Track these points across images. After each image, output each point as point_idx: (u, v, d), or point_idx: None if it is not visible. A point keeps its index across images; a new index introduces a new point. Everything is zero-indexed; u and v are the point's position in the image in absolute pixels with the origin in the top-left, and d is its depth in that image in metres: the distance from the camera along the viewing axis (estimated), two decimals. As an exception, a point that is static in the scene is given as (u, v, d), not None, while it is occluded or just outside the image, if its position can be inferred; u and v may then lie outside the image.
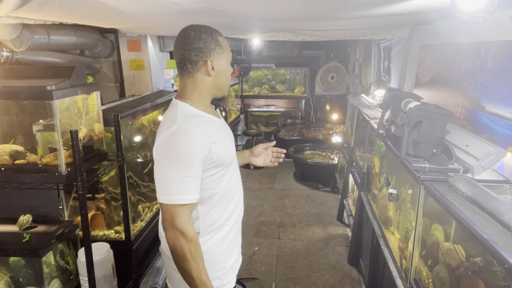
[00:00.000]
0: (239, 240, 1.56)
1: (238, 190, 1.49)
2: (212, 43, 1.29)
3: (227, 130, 1.46)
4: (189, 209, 1.27)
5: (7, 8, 1.40)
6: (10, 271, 1.69)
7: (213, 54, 1.30)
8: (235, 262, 1.52)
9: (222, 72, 1.34)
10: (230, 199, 1.43)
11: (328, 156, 5.48)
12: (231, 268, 1.48)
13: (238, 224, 1.52)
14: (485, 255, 1.25)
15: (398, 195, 2.08)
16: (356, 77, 5.46)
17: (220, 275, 1.43)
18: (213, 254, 1.40)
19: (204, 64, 1.30)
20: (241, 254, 1.62)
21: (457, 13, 1.29)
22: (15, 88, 1.60)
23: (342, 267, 3.21)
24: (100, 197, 2.44)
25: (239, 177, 1.51)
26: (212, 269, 1.39)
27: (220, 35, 1.34)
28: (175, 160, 1.21)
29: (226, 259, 1.45)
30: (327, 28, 2.65)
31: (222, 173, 1.37)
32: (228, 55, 1.35)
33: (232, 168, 1.44)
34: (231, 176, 1.43)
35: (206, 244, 1.38)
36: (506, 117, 1.66)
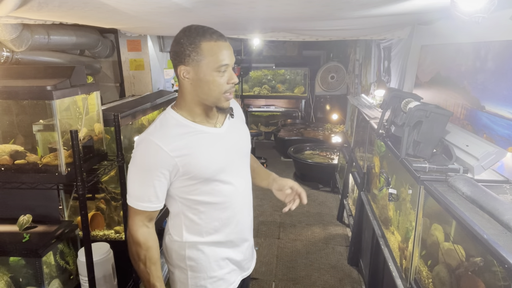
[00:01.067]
0: (239, 254, 1.46)
1: (233, 204, 1.38)
2: (189, 48, 1.20)
3: (224, 141, 1.35)
4: (143, 215, 1.30)
5: (7, 8, 1.40)
6: (10, 271, 1.69)
7: (188, 61, 1.21)
8: (229, 273, 1.45)
9: (200, 81, 1.23)
10: (219, 213, 1.36)
11: (328, 156, 5.48)
12: (222, 279, 1.43)
13: (237, 238, 1.43)
14: (485, 255, 1.25)
15: (398, 195, 2.08)
16: (356, 77, 5.46)
17: (206, 283, 1.40)
18: (199, 261, 1.39)
19: (180, 70, 1.24)
20: (247, 268, 1.54)
21: (457, 13, 1.29)
22: (15, 88, 1.60)
23: (342, 267, 3.21)
24: (100, 197, 2.44)
25: (238, 192, 1.39)
26: (197, 276, 1.40)
27: (211, 39, 1.21)
28: (136, 167, 1.26)
29: (216, 269, 1.41)
30: (327, 28, 2.65)
31: (199, 186, 1.30)
32: (212, 63, 1.21)
33: (220, 181, 1.32)
34: (219, 190, 1.33)
35: (192, 249, 1.38)
36: (506, 117, 1.66)
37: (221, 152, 1.32)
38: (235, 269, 1.47)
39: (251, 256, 1.56)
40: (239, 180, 1.40)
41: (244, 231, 1.46)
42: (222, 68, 1.22)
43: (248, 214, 1.49)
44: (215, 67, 1.22)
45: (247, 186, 1.46)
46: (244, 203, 1.44)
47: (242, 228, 1.44)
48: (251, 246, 1.56)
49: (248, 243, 1.51)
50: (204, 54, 1.20)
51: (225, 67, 1.23)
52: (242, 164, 1.43)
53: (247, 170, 1.48)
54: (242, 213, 1.43)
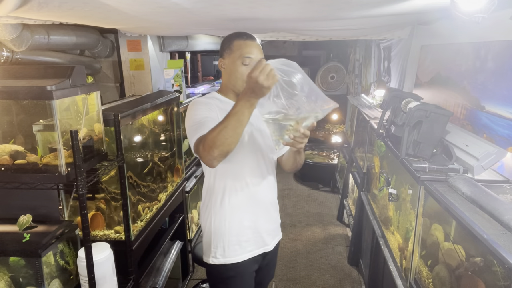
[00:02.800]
0: (259, 224, 1.67)
1: (248, 172, 1.61)
2: (226, 45, 1.58)
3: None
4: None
5: (7, 8, 1.40)
6: (10, 271, 1.69)
7: (224, 54, 1.59)
8: (247, 242, 1.64)
9: (230, 70, 1.58)
10: (237, 172, 1.59)
11: (328, 156, 5.48)
12: (239, 244, 1.62)
13: (256, 208, 1.66)
14: (485, 255, 1.25)
15: (398, 195, 2.08)
16: (356, 77, 5.46)
17: (224, 245, 1.61)
18: (219, 219, 1.62)
19: (219, 62, 1.62)
20: (267, 243, 1.72)
21: (457, 13, 1.29)
22: (15, 88, 1.60)
23: (342, 267, 3.21)
24: (100, 197, 2.44)
25: (253, 162, 1.62)
26: (216, 233, 1.62)
27: (241, 39, 1.57)
28: (193, 111, 1.55)
29: (233, 233, 1.61)
30: (327, 28, 2.65)
31: None
32: (238, 56, 1.53)
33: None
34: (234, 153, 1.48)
35: (215, 205, 1.63)
36: (506, 117, 1.66)
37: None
38: (257, 240, 1.68)
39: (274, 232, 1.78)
40: (253, 155, 1.63)
41: (267, 198, 1.73)
42: (246, 61, 1.53)
43: (266, 191, 1.72)
44: (240, 59, 1.54)
45: (262, 162, 1.67)
46: (259, 171, 1.66)
47: (267, 196, 1.72)
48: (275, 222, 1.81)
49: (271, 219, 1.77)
50: (234, 49, 1.55)
51: (249, 60, 1.53)
52: (258, 145, 1.64)
53: (264, 156, 1.67)
54: (262, 180, 1.68)
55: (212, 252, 1.65)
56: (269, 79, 1.21)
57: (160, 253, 2.82)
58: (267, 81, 1.20)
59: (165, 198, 2.84)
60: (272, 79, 1.21)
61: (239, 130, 1.29)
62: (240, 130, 1.29)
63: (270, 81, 1.21)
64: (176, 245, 2.91)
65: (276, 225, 1.82)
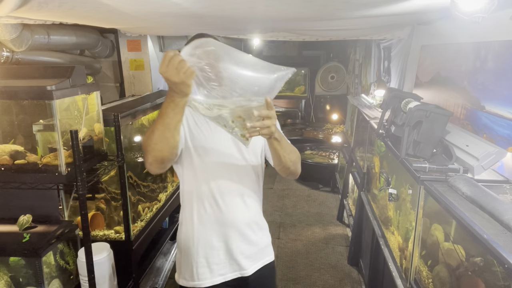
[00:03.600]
0: (232, 247, 1.45)
1: (216, 187, 1.41)
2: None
3: None
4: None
5: (7, 8, 1.40)
6: (10, 271, 1.69)
7: None
8: (218, 264, 1.44)
9: None
10: (203, 185, 1.41)
11: (328, 156, 5.48)
12: (208, 267, 1.44)
13: (226, 228, 1.43)
14: (485, 255, 1.25)
15: (398, 195, 2.08)
16: (356, 77, 5.46)
17: (192, 266, 1.45)
18: (187, 234, 1.46)
19: None
20: (243, 268, 1.47)
21: (457, 13, 1.29)
22: (15, 88, 1.60)
23: (342, 267, 3.21)
24: (100, 197, 2.44)
25: (222, 176, 1.41)
26: (186, 250, 1.47)
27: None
28: None
29: (201, 253, 1.44)
30: (327, 28, 2.65)
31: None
32: None
33: (204, 157, 1.39)
34: (199, 162, 1.39)
35: (185, 216, 1.47)
36: (506, 117, 1.66)
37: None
38: (224, 262, 1.46)
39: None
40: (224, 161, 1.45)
41: (230, 219, 1.46)
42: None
43: (240, 210, 1.47)
44: None
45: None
46: (228, 193, 1.45)
47: (229, 216, 1.45)
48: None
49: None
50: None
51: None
52: (227, 156, 1.43)
53: (239, 169, 1.45)
54: (224, 195, 1.44)
55: (182, 273, 1.49)
56: (179, 73, 1.03)
57: (160, 253, 2.82)
58: (178, 75, 1.03)
59: (165, 198, 2.84)
60: (185, 73, 1.03)
61: (167, 134, 1.13)
62: (169, 134, 1.13)
63: (181, 75, 1.03)
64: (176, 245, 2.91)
65: (258, 248, 1.52)
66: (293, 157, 1.36)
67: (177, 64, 1.02)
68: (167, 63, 1.02)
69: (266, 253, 1.57)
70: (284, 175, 1.44)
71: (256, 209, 1.52)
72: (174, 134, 1.15)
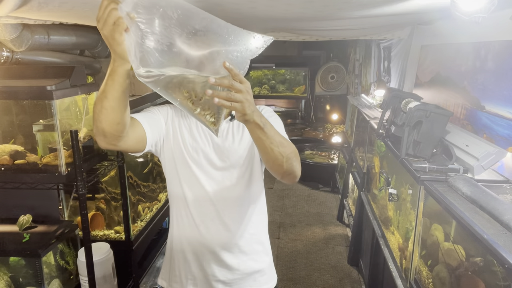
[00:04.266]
0: (206, 268, 1.31)
1: (192, 199, 1.28)
2: None
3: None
4: None
5: (7, 8, 1.40)
6: (10, 271, 1.69)
7: None
8: (194, 284, 1.33)
9: None
10: (179, 192, 1.29)
11: (328, 156, 5.48)
12: (181, 283, 1.35)
13: (201, 247, 1.30)
14: (485, 255, 1.25)
15: (398, 195, 2.08)
16: (356, 77, 5.46)
17: (168, 277, 1.39)
18: (169, 240, 1.37)
19: None
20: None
21: (457, 13, 1.29)
22: (15, 88, 1.60)
23: (342, 267, 3.21)
24: (100, 197, 2.44)
25: (196, 187, 1.28)
26: (166, 257, 1.40)
27: None
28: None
29: (176, 266, 1.35)
30: (327, 28, 2.65)
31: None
32: None
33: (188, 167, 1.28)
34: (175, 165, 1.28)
35: (172, 219, 1.36)
36: (506, 117, 1.66)
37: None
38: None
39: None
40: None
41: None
42: None
43: (218, 232, 1.31)
44: None
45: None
46: (204, 209, 1.32)
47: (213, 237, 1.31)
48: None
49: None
50: None
51: None
52: (202, 168, 1.30)
53: (219, 185, 1.31)
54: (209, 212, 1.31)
55: (159, 280, 1.43)
56: (107, 24, 0.84)
57: (160, 253, 2.81)
58: (106, 26, 0.84)
59: (165, 198, 2.84)
60: (114, 24, 0.83)
61: (105, 103, 0.97)
62: (107, 104, 0.96)
63: (109, 27, 0.84)
64: (176, 245, 2.91)
65: (240, 274, 1.33)
66: (285, 151, 1.09)
67: (108, 12, 0.83)
68: (102, 12, 0.84)
69: (259, 282, 1.38)
70: (278, 177, 1.16)
71: (240, 230, 1.32)
72: (115, 107, 0.98)
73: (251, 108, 0.95)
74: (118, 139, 1.06)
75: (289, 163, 1.12)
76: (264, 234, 1.45)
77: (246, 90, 0.93)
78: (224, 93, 0.89)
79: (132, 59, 0.87)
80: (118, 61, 0.92)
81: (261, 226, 1.42)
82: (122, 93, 0.97)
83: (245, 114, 0.94)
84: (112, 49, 0.89)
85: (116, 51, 0.89)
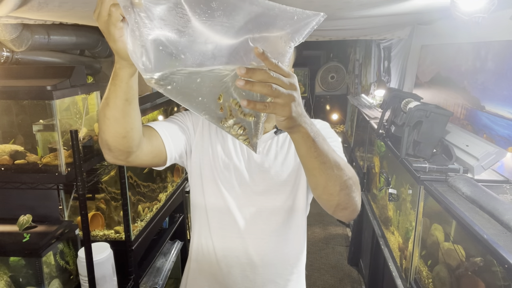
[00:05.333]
0: None
1: (216, 227, 1.09)
2: None
3: None
4: None
5: (7, 8, 1.40)
6: (10, 271, 1.69)
7: None
8: None
9: None
10: (203, 217, 1.11)
11: (328, 156, 5.47)
12: None
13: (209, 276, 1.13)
14: (485, 255, 1.25)
15: (398, 195, 2.08)
16: (356, 77, 5.46)
17: None
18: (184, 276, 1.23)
19: None
20: None
21: (457, 13, 1.29)
22: (15, 88, 1.60)
23: (342, 267, 3.21)
24: (100, 197, 2.44)
25: (219, 213, 1.09)
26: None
27: None
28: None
29: None
30: (327, 28, 2.65)
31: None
32: None
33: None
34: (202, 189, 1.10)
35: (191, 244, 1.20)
36: (506, 117, 1.66)
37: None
38: None
39: None
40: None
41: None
42: None
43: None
44: None
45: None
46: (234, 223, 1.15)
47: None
48: None
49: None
50: None
51: None
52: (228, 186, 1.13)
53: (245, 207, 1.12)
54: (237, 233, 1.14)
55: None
56: (101, 15, 0.66)
57: (160, 253, 2.82)
58: (100, 18, 0.66)
59: (165, 198, 2.84)
60: (110, 15, 0.65)
61: (107, 112, 0.81)
62: (109, 112, 0.81)
63: (103, 18, 0.66)
64: (176, 245, 2.91)
65: None
66: (341, 176, 0.80)
67: (102, 1, 0.65)
68: (99, 1, 0.66)
69: None
70: (330, 210, 0.88)
71: (270, 273, 1.10)
72: (118, 118, 0.82)
73: (298, 110, 0.72)
74: (126, 155, 0.90)
75: (345, 193, 0.82)
76: (302, 280, 1.21)
77: (291, 84, 0.69)
78: (260, 85, 0.64)
79: (135, 61, 0.65)
80: (120, 62, 0.74)
81: (298, 267, 1.17)
82: (127, 101, 0.80)
83: (290, 117, 0.71)
84: (111, 47, 0.71)
85: (114, 49, 0.71)
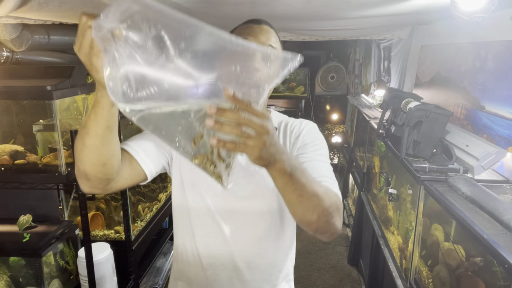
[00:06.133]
0: None
1: (200, 238, 1.06)
2: (233, 32, 1.18)
3: None
4: None
5: (7, 8, 1.40)
6: (10, 271, 1.69)
7: None
8: None
9: None
10: (186, 224, 1.08)
11: (328, 156, 5.48)
12: None
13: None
14: (485, 255, 1.25)
15: (398, 195, 2.08)
16: (356, 77, 5.46)
17: None
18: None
19: None
20: None
21: (457, 13, 1.29)
22: (15, 88, 1.60)
23: (342, 267, 3.21)
24: (100, 197, 2.44)
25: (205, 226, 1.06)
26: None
27: (246, 23, 1.22)
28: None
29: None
30: (327, 28, 2.65)
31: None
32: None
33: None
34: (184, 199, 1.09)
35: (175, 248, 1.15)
36: (506, 117, 1.66)
37: None
38: None
39: None
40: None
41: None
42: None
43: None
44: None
45: None
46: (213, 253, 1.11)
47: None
48: None
49: None
50: (236, 34, 1.08)
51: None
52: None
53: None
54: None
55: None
56: (82, 47, 0.67)
57: (160, 253, 2.82)
58: (81, 50, 0.68)
59: (165, 198, 2.84)
60: (90, 47, 0.67)
61: (86, 140, 0.80)
62: (88, 141, 0.79)
63: (84, 50, 0.67)
64: (176, 245, 2.91)
65: None
66: (319, 205, 0.79)
67: (83, 32, 0.66)
68: (79, 31, 0.68)
69: None
70: (309, 232, 0.86)
71: (259, 281, 1.09)
72: (98, 146, 0.80)
73: (271, 150, 0.68)
74: (106, 182, 0.87)
75: (324, 220, 0.81)
76: (291, 283, 1.22)
77: (262, 126, 0.65)
78: (229, 126, 0.64)
79: (110, 91, 0.67)
80: (102, 91, 0.72)
81: (286, 270, 1.18)
82: (107, 128, 0.78)
83: (260, 157, 0.68)
84: (93, 77, 0.71)
85: (96, 79, 0.71)
